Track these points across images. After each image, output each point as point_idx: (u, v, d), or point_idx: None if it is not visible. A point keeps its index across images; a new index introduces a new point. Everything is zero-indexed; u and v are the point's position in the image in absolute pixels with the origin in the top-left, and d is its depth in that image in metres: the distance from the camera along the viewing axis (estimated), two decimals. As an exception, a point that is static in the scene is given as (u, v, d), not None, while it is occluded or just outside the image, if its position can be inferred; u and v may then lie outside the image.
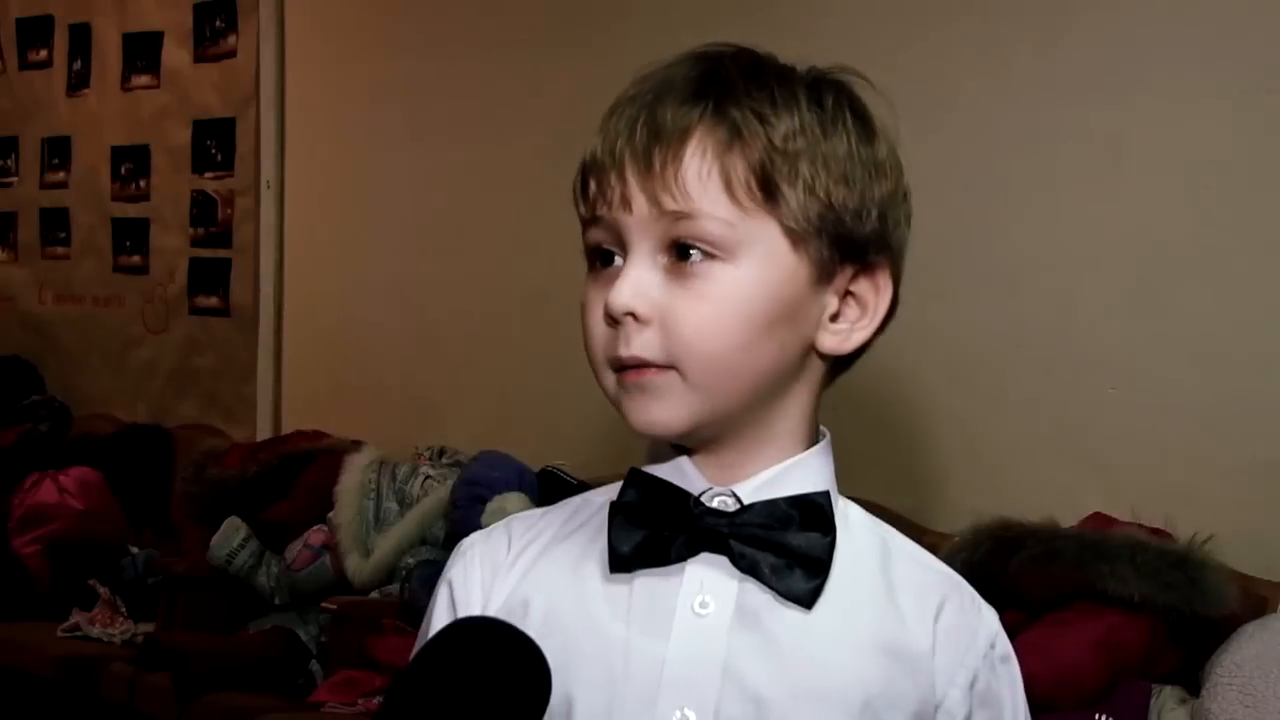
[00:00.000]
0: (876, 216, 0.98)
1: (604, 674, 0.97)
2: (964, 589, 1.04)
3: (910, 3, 2.75)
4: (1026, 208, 2.58)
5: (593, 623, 0.99)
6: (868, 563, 1.01)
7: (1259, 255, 2.34)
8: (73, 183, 4.63)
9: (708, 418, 0.97)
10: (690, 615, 0.97)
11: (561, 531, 1.05)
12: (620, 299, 0.96)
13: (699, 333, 0.95)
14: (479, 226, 3.53)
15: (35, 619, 3.57)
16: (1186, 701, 2.07)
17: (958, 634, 1.00)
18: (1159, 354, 2.42)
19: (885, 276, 1.01)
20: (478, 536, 1.08)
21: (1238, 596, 2.10)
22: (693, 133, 0.95)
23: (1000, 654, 1.03)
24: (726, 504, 0.99)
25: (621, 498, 1.01)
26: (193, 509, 3.61)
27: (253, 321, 4.06)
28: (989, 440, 2.58)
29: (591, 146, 1.00)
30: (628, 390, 0.98)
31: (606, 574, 0.99)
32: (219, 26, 4.17)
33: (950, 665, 1.00)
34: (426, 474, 3.23)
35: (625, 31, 3.17)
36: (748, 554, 0.97)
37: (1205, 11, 2.41)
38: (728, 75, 0.97)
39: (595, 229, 1.00)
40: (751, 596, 0.98)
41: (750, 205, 0.95)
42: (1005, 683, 1.03)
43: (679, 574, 0.98)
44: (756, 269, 0.95)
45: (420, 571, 2.98)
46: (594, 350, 1.01)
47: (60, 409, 4.43)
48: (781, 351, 0.97)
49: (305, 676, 3.06)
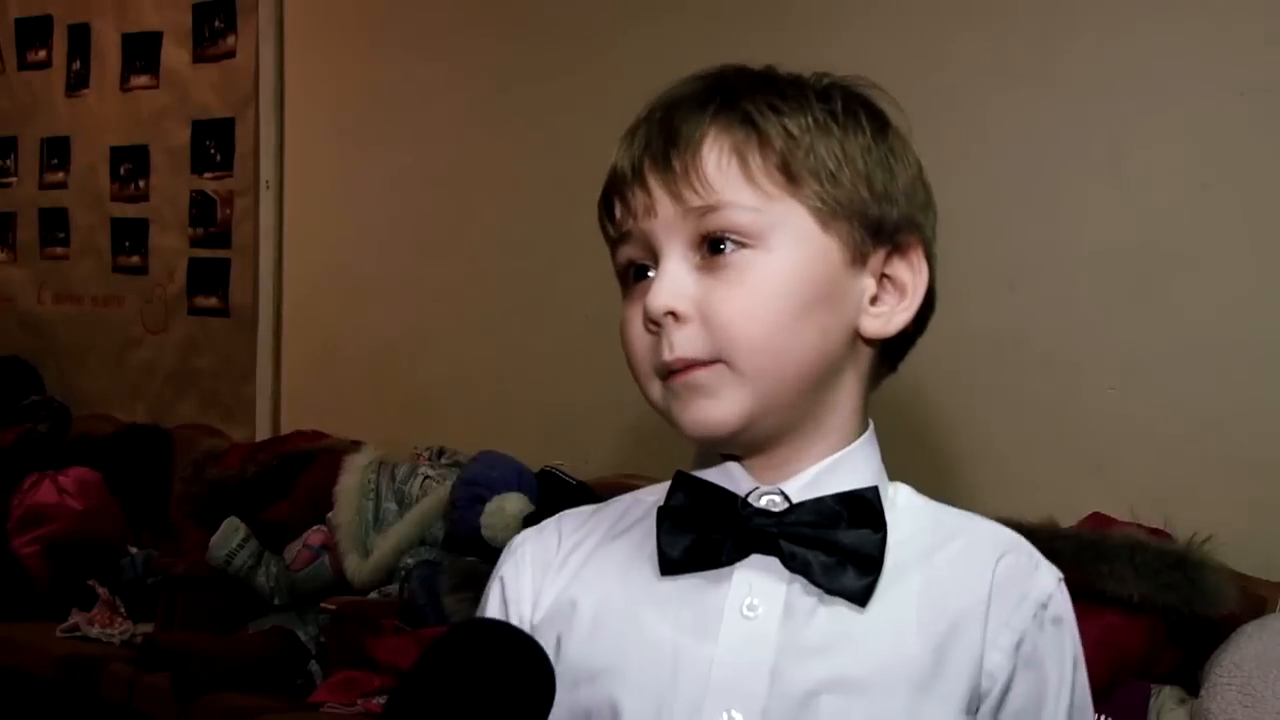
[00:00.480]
0: (904, 201, 0.99)
1: (651, 677, 0.97)
2: (1023, 547, 1.02)
3: (913, 5, 2.75)
4: (1026, 208, 2.58)
5: (641, 626, 0.99)
6: (917, 551, 1.00)
7: (1258, 255, 2.34)
8: (72, 183, 4.62)
9: (760, 411, 0.96)
10: (738, 618, 0.97)
11: (611, 531, 1.05)
12: (658, 300, 0.95)
13: (739, 319, 0.94)
14: (478, 226, 3.53)
15: (34, 619, 3.57)
16: (1186, 701, 2.07)
17: (1009, 589, 0.98)
18: (1158, 354, 2.42)
19: (919, 256, 1.01)
20: (530, 533, 1.09)
21: (1237, 596, 2.10)
22: (709, 129, 0.96)
23: (1053, 615, 1.00)
24: (774, 503, 0.98)
25: (669, 501, 1.01)
26: (192, 509, 3.61)
27: (252, 322, 4.06)
28: (988, 440, 2.58)
29: (611, 165, 1.01)
30: (676, 393, 0.97)
31: (656, 577, 0.99)
32: (218, 27, 4.16)
33: (996, 625, 0.97)
34: (426, 474, 3.23)
35: (627, 31, 3.18)
36: (798, 553, 0.97)
37: (1204, 12, 2.41)
38: (736, 82, 0.99)
39: (625, 246, 1.00)
40: (800, 597, 0.97)
41: (773, 189, 0.95)
42: (1053, 646, 0.99)
43: (728, 577, 0.98)
44: (789, 251, 0.95)
45: (419, 572, 2.98)
46: (638, 361, 1.00)
47: (59, 409, 4.43)
48: (824, 335, 0.97)
49: (304, 677, 3.06)
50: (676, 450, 1.04)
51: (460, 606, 2.84)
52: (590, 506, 1.10)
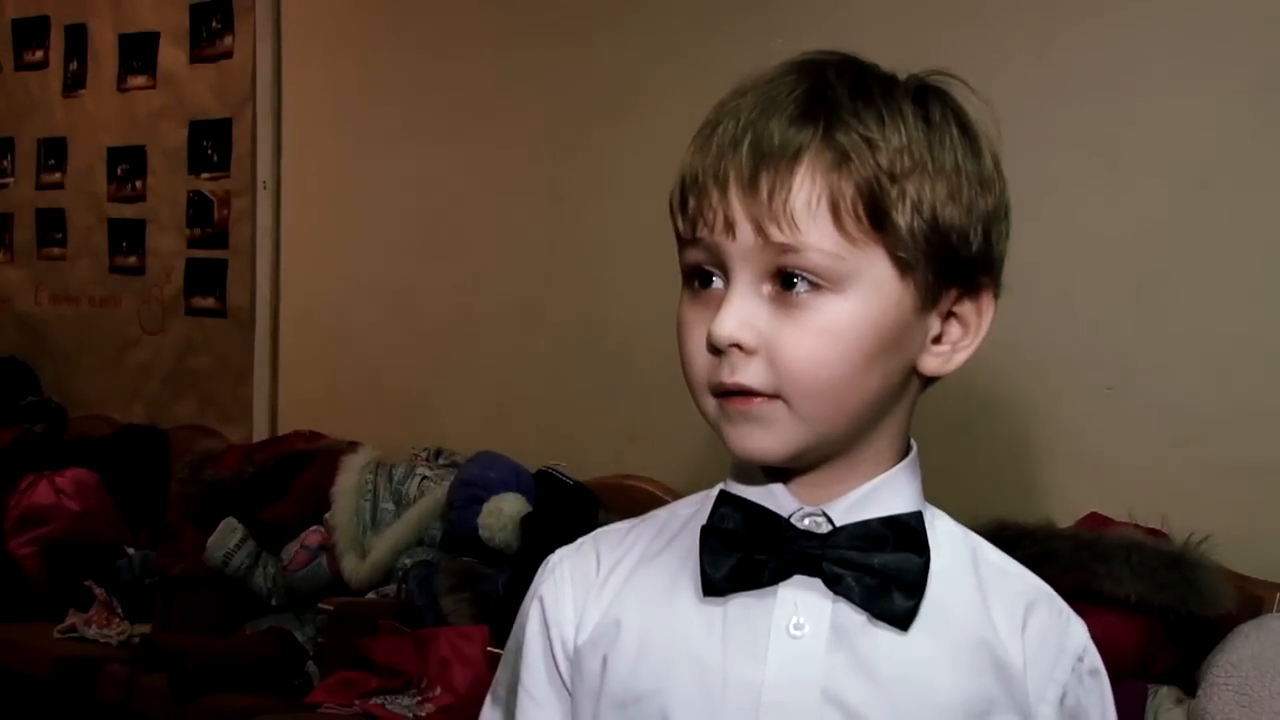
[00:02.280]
0: (981, 234, 0.98)
1: (702, 698, 0.97)
2: (1053, 600, 1.03)
3: (907, 5, 2.75)
4: (1022, 208, 2.57)
5: (688, 647, 0.98)
6: (960, 578, 1.00)
7: (1256, 255, 2.34)
8: (69, 183, 4.62)
9: (811, 446, 0.96)
10: (785, 638, 0.96)
11: (650, 549, 1.04)
12: (725, 330, 0.93)
13: (806, 364, 0.93)
14: (476, 227, 3.53)
15: (31, 620, 3.56)
16: (1183, 702, 2.07)
17: (1046, 647, 0.99)
18: (1155, 354, 2.42)
19: (989, 296, 1.00)
20: (566, 552, 1.07)
21: (1234, 596, 2.10)
22: (802, 158, 0.93)
23: (1089, 667, 1.01)
24: (818, 524, 0.98)
25: (712, 519, 1.00)
26: (189, 510, 3.60)
27: (249, 322, 4.06)
28: (985, 440, 2.58)
29: (690, 162, 0.97)
30: (730, 417, 0.96)
31: (699, 596, 0.98)
32: (215, 27, 4.16)
33: (1040, 679, 0.99)
34: (423, 475, 3.23)
35: (625, 30, 3.17)
36: (841, 576, 0.96)
37: (1201, 13, 2.41)
38: (834, 94, 0.95)
39: (694, 249, 0.97)
40: (846, 617, 0.97)
41: (859, 236, 0.93)
42: (1094, 697, 1.01)
43: (772, 596, 0.97)
44: (864, 299, 0.94)
45: (417, 572, 2.98)
46: (695, 376, 0.97)
47: (56, 410, 4.43)
48: (885, 379, 0.96)
49: (302, 677, 3.06)
50: (674, 452, 1.05)
51: (457, 607, 2.84)
52: (626, 523, 1.08)
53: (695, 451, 2.75)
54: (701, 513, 1.02)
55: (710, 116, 0.97)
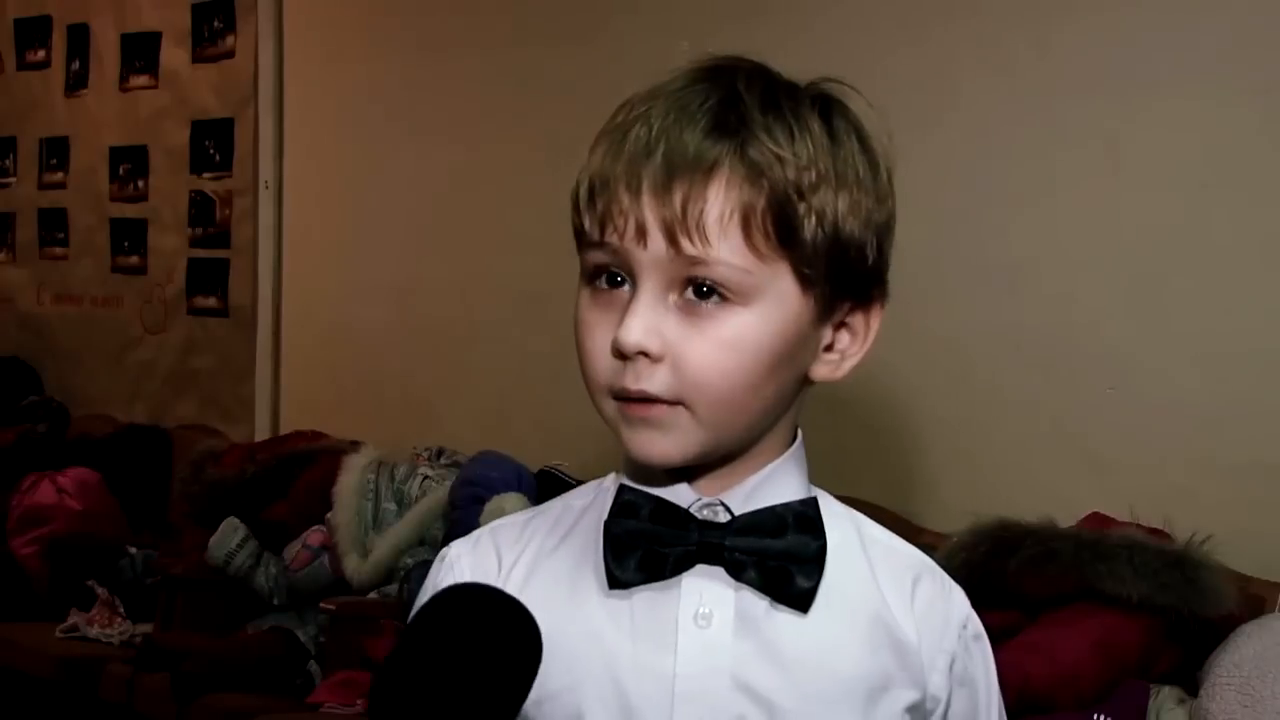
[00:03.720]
0: (876, 247, 0.99)
1: (615, 692, 0.98)
2: (934, 570, 1.06)
3: (909, 3, 2.74)
4: (1025, 208, 2.58)
5: (597, 641, 0.99)
6: (851, 557, 1.02)
7: (1257, 255, 2.34)
8: (71, 183, 4.62)
9: (708, 450, 0.97)
10: (693, 628, 0.98)
11: (548, 543, 1.04)
12: (632, 337, 0.94)
13: (709, 374, 0.94)
14: (477, 227, 3.53)
15: (33, 620, 3.57)
16: (1185, 701, 2.07)
17: (933, 618, 1.03)
18: (1157, 354, 2.42)
19: (878, 308, 1.02)
20: (463, 547, 1.07)
21: (1236, 596, 2.10)
22: (716, 172, 0.93)
23: (973, 633, 1.05)
24: (717, 514, 0.99)
25: (613, 512, 1.00)
26: (191, 509, 3.61)
27: (251, 322, 4.06)
28: (987, 440, 2.58)
29: (600, 164, 0.97)
30: (630, 422, 0.97)
31: (604, 590, 0.99)
32: (217, 27, 4.16)
33: (931, 650, 1.02)
34: (425, 474, 3.23)
35: (624, 30, 3.17)
36: (742, 563, 0.98)
37: (1203, 12, 2.41)
38: (745, 107, 0.95)
39: (600, 251, 0.97)
40: (750, 604, 0.98)
41: (767, 252, 0.94)
42: (979, 661, 1.05)
43: (676, 587, 0.98)
44: (768, 313, 0.95)
45: (418, 572, 2.97)
46: (595, 377, 0.98)
47: (58, 409, 4.43)
48: (780, 387, 0.98)
49: (303, 677, 3.06)
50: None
51: (459, 607, 2.84)
52: (520, 514, 1.09)
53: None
54: (598, 504, 1.03)
55: (618, 119, 0.98)
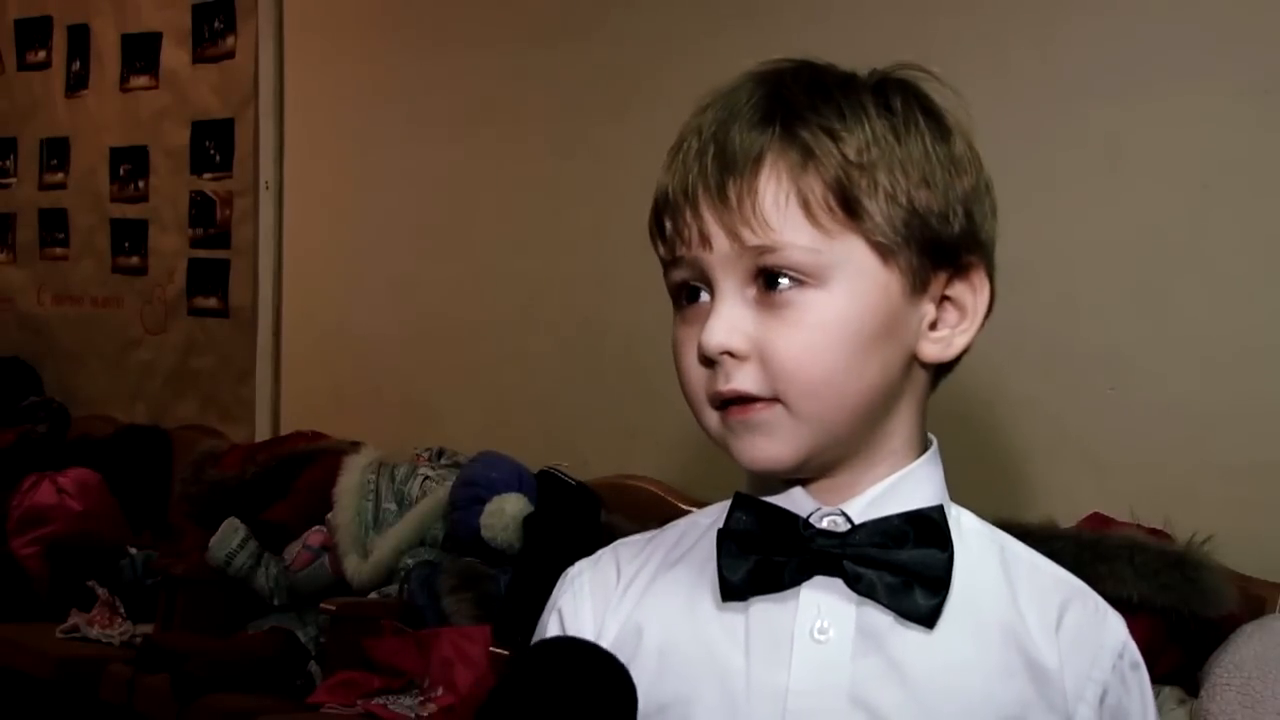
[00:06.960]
0: (963, 215, 0.97)
1: (727, 707, 0.95)
2: (1087, 595, 1.01)
3: (909, 3, 2.74)
4: (1025, 208, 2.57)
5: (711, 654, 0.97)
6: (988, 575, 0.99)
7: (1258, 255, 2.34)
8: (71, 184, 4.62)
9: (818, 449, 0.95)
10: (809, 642, 0.95)
11: (669, 557, 1.03)
12: (714, 339, 0.93)
13: (798, 361, 0.93)
14: (478, 227, 3.53)
15: (34, 620, 3.57)
16: (1186, 702, 2.07)
17: (1083, 644, 0.97)
18: (1158, 354, 2.42)
19: (981, 275, 1.00)
20: (585, 564, 1.06)
21: (1236, 597, 2.10)
22: (764, 159, 0.93)
23: (1129, 662, 0.99)
24: (837, 524, 0.96)
25: (727, 524, 0.98)
26: (191, 510, 3.61)
27: (251, 322, 4.06)
28: (987, 440, 2.58)
29: (661, 183, 0.98)
30: (734, 430, 0.95)
31: (719, 602, 0.97)
32: (217, 27, 4.16)
33: (1078, 679, 0.97)
34: (425, 475, 3.22)
35: (626, 30, 3.17)
36: (863, 575, 0.94)
37: (1203, 11, 2.40)
38: (791, 95, 0.95)
39: (677, 269, 0.97)
40: (871, 618, 0.95)
41: (833, 226, 0.93)
42: (1135, 693, 0.99)
43: (794, 599, 0.96)
44: (848, 289, 0.93)
45: (419, 572, 2.97)
46: (692, 391, 0.97)
47: (59, 410, 4.43)
48: (884, 369, 0.95)
49: (304, 678, 3.06)
50: (676, 451, 1.04)
51: (460, 607, 2.84)
52: (645, 534, 1.07)
53: (697, 451, 2.75)
54: (721, 520, 1.00)
55: (678, 136, 0.98)
